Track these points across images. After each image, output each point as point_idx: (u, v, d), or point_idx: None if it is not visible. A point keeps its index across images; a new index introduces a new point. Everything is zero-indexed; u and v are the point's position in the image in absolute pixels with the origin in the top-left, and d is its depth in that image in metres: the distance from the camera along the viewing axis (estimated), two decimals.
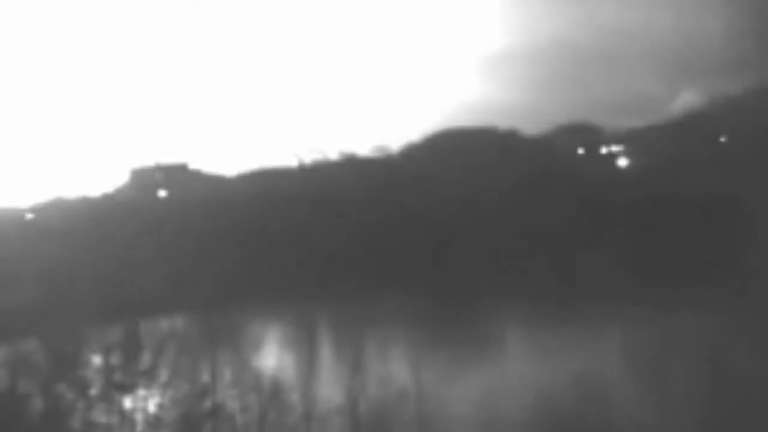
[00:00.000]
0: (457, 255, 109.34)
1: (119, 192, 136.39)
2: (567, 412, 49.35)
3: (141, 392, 47.04)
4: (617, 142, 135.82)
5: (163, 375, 47.26)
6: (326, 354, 58.00)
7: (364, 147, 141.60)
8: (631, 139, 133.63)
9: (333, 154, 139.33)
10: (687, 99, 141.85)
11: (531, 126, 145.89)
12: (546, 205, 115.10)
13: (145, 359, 47.28)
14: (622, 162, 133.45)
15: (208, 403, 48.07)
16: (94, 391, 46.24)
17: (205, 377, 48.99)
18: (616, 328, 75.80)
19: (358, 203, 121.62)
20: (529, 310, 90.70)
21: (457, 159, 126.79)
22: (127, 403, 46.89)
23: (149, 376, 47.11)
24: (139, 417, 46.78)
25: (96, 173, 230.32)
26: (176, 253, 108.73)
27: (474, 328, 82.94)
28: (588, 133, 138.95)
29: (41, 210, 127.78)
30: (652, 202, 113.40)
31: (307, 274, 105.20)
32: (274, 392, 49.35)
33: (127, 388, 46.81)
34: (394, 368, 55.88)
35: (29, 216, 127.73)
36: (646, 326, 76.58)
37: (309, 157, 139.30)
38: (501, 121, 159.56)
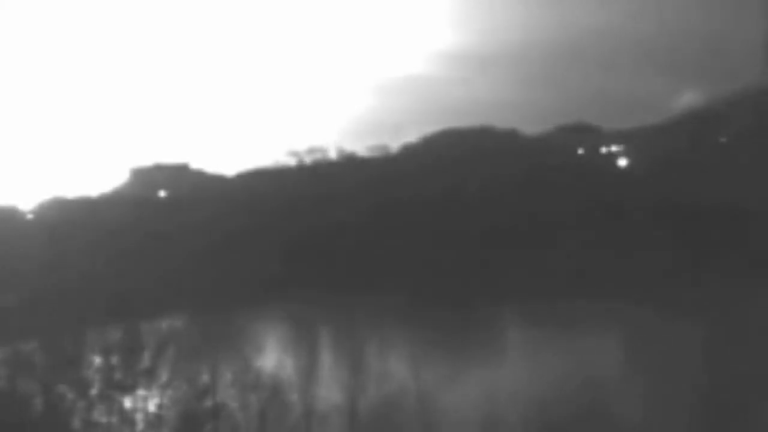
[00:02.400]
0: (456, 254, 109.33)
1: (119, 192, 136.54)
2: (566, 411, 49.41)
3: (141, 392, 47.04)
4: (617, 142, 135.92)
5: (163, 375, 47.26)
6: (326, 353, 58.01)
7: (364, 147, 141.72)
8: (631, 139, 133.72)
9: (333, 154, 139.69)
10: (687, 99, 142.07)
11: (531, 126, 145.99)
12: (545, 204, 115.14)
13: (145, 359, 47.26)
14: (622, 162, 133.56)
15: (208, 403, 48.10)
16: (94, 391, 46.25)
17: (205, 377, 49.00)
18: (616, 328, 75.87)
19: (358, 203, 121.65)
20: (528, 309, 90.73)
21: (456, 159, 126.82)
22: (127, 403, 46.89)
23: (149, 376, 47.10)
24: (139, 417, 46.81)
25: (96, 173, 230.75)
26: (176, 253, 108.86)
27: (473, 327, 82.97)
28: (588, 133, 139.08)
29: (41, 210, 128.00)
30: (651, 201, 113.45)
31: (307, 273, 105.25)
32: (274, 392, 49.39)
33: (127, 388, 46.81)
34: (394, 367, 55.94)
35: (29, 216, 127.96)
36: (646, 325, 76.66)
37: (309, 157, 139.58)
38: (500, 121, 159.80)
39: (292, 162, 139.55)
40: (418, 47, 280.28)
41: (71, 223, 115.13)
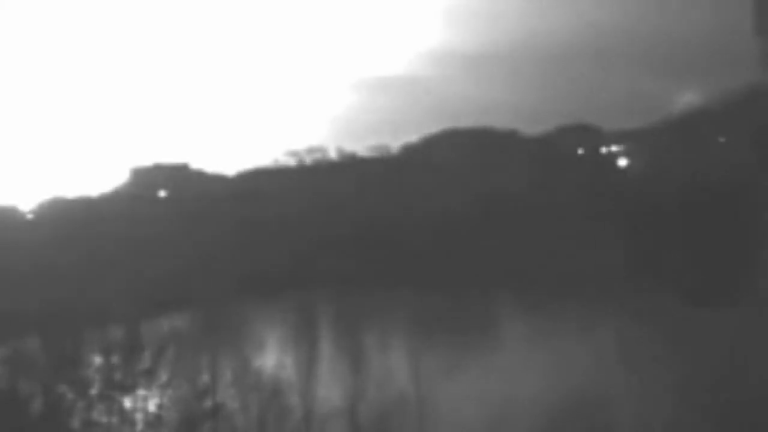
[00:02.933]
0: (456, 253, 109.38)
1: (119, 192, 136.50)
2: (567, 410, 49.40)
3: (141, 392, 47.07)
4: (617, 142, 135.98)
5: (163, 375, 47.29)
6: (326, 353, 58.03)
7: (363, 147, 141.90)
8: (631, 139, 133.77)
9: (333, 154, 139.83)
10: (687, 99, 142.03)
11: (531, 126, 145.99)
12: (545, 204, 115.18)
13: (145, 359, 47.28)
14: (622, 162, 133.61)
15: (208, 403, 48.12)
16: (94, 391, 46.26)
17: (205, 377, 49.02)
18: (616, 326, 75.87)
19: (357, 202, 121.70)
20: (528, 307, 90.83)
21: (456, 159, 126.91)
22: (127, 403, 46.91)
23: (149, 376, 47.13)
24: (139, 417, 46.83)
25: (96, 173, 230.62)
26: (176, 253, 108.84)
27: (473, 326, 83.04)
28: (588, 133, 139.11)
29: (41, 210, 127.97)
30: (651, 201, 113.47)
31: (307, 272, 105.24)
32: (274, 392, 49.40)
33: (127, 388, 46.84)
34: (395, 367, 55.95)
35: (29, 216, 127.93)
36: (645, 324, 76.67)
37: (309, 157, 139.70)
38: (500, 121, 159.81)
39: (292, 162, 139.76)
40: (414, 46, 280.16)
41: (71, 223, 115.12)
